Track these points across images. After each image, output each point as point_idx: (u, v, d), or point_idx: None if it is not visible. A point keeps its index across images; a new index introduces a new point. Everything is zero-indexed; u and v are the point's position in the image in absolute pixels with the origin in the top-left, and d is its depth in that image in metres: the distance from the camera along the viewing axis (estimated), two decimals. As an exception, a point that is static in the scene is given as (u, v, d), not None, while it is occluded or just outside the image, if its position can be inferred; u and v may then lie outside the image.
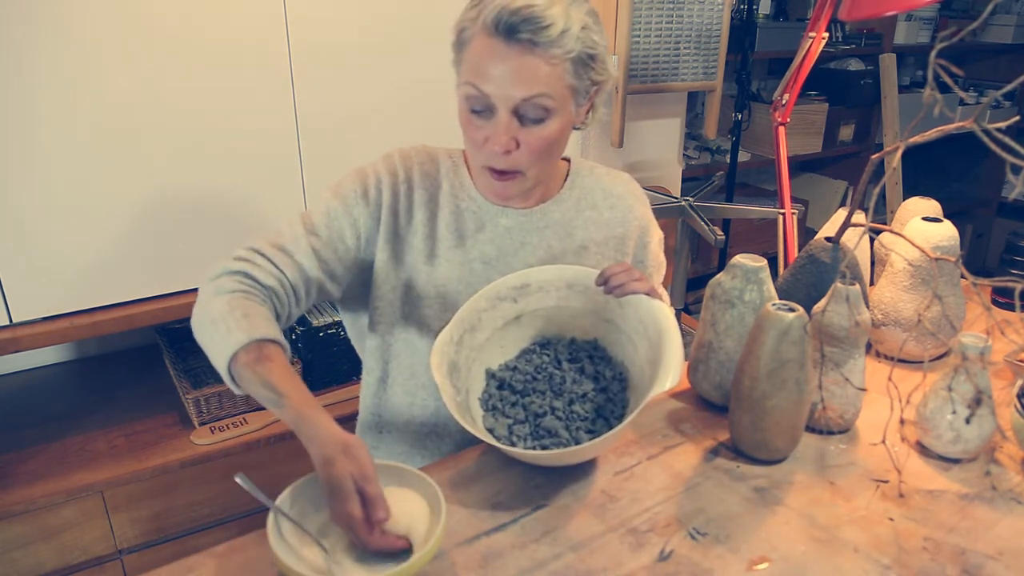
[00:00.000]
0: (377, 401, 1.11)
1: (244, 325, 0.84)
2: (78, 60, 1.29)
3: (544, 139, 0.93)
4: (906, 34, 3.10)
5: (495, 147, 0.92)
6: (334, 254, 0.99)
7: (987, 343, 0.92)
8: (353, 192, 1.01)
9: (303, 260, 0.96)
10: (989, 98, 0.73)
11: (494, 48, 0.88)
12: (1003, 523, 0.86)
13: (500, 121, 0.91)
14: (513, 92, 0.89)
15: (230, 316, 0.85)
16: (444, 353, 0.93)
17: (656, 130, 2.29)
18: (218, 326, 0.85)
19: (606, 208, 1.11)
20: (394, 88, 1.61)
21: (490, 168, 0.97)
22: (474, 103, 0.92)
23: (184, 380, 1.55)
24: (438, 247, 1.04)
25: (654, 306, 0.95)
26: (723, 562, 0.79)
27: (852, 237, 1.21)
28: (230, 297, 0.87)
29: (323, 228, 0.99)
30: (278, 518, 0.75)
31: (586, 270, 1.01)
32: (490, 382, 1.00)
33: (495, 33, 0.88)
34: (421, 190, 1.04)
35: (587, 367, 1.00)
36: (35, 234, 1.34)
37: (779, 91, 1.73)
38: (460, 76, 0.94)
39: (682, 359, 0.88)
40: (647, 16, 1.94)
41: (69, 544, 1.36)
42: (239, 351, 0.82)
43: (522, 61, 0.88)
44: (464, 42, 0.92)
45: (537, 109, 0.91)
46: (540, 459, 0.88)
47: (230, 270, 0.92)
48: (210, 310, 0.87)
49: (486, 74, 0.89)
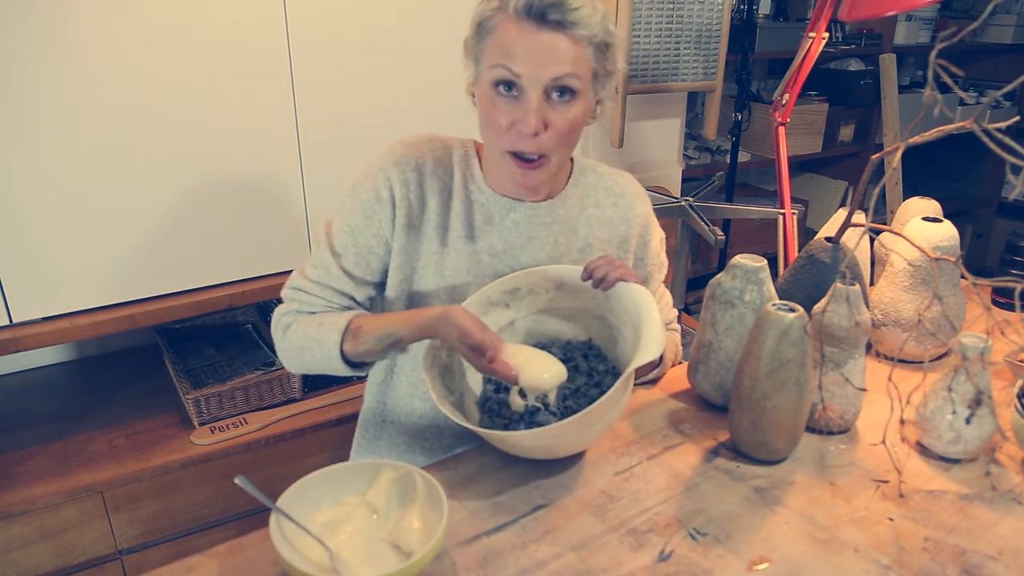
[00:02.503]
0: (383, 390, 1.13)
1: (325, 330, 0.98)
2: (79, 61, 1.29)
3: (570, 121, 0.96)
4: (906, 34, 3.10)
5: (524, 128, 0.93)
6: (367, 267, 1.05)
7: (987, 343, 0.92)
8: (369, 201, 1.02)
9: (341, 286, 1.04)
10: (989, 98, 0.73)
11: (524, 31, 0.91)
12: (1003, 523, 0.86)
13: (530, 102, 0.93)
14: (544, 72, 0.91)
15: (309, 335, 0.99)
16: (436, 357, 0.95)
17: (656, 130, 2.29)
18: (312, 349, 0.99)
19: (609, 206, 1.12)
20: (394, 90, 1.61)
21: (515, 156, 0.97)
22: (502, 85, 0.94)
23: (184, 380, 1.55)
24: (449, 236, 1.05)
25: (634, 291, 0.96)
26: (723, 562, 0.79)
27: (852, 237, 1.21)
28: (295, 323, 1.02)
29: (350, 248, 1.03)
30: (280, 519, 0.75)
31: (572, 268, 1.01)
32: (486, 386, 1.01)
33: (526, 17, 0.90)
34: (435, 178, 1.05)
35: (581, 364, 1.01)
36: (35, 234, 1.34)
37: (779, 91, 1.73)
38: (484, 62, 0.95)
39: (663, 331, 0.89)
40: (647, 16, 1.94)
41: (69, 544, 1.36)
42: (341, 347, 0.97)
43: (553, 41, 0.91)
44: (488, 30, 0.94)
45: (565, 90, 0.94)
46: (527, 438, 0.86)
47: (287, 311, 1.05)
48: (293, 344, 1.02)
49: (517, 55, 0.91)
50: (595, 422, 0.86)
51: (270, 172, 1.53)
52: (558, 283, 1.03)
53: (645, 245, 1.16)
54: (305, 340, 1.00)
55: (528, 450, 0.91)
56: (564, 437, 0.87)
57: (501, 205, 1.06)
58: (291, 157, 1.54)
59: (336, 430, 1.59)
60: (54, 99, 1.29)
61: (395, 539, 0.79)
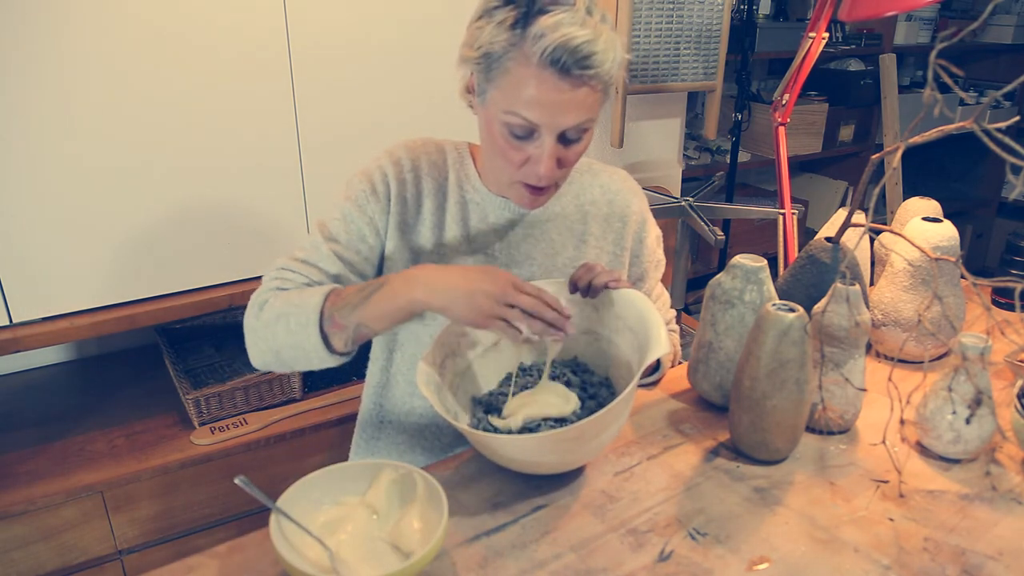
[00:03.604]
0: (381, 391, 1.13)
1: (305, 295, 0.91)
2: (80, 63, 1.29)
3: (579, 153, 0.97)
4: (906, 34, 3.10)
5: (540, 170, 0.93)
6: (357, 255, 1.02)
7: (987, 343, 0.92)
8: (363, 192, 1.02)
9: (327, 266, 1.00)
10: (989, 98, 0.73)
11: (545, 81, 0.88)
12: (1003, 523, 0.86)
13: (546, 146, 0.92)
14: (563, 121, 0.91)
15: (289, 303, 0.91)
16: (429, 376, 0.91)
17: (656, 130, 2.29)
18: (289, 317, 0.90)
19: (604, 203, 1.12)
20: (393, 94, 1.61)
21: (525, 184, 0.98)
22: (517, 130, 0.92)
23: (184, 380, 1.55)
24: (444, 236, 1.05)
25: (628, 296, 0.96)
26: (723, 562, 0.79)
27: (852, 237, 1.21)
28: (274, 296, 0.94)
29: (342, 233, 1.02)
30: (280, 519, 0.75)
31: (556, 283, 1.01)
32: (476, 408, 0.98)
33: (548, 67, 0.87)
34: (429, 179, 1.05)
35: (572, 379, 0.99)
36: (35, 234, 1.34)
37: (779, 91, 1.73)
38: (496, 101, 0.92)
39: (666, 330, 0.89)
40: (647, 16, 1.94)
41: (69, 544, 1.36)
42: (322, 306, 0.89)
43: (575, 94, 0.89)
44: (502, 68, 0.90)
45: (579, 132, 0.94)
46: (546, 441, 0.82)
47: (267, 289, 0.98)
48: (269, 318, 0.92)
49: (536, 105, 0.89)
50: (612, 423, 0.84)
51: (270, 173, 1.53)
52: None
53: (641, 242, 1.16)
54: (285, 307, 0.91)
55: (545, 456, 0.85)
56: (584, 439, 0.83)
57: (496, 205, 1.06)
58: (291, 158, 1.54)
59: (336, 430, 1.59)
60: (54, 99, 1.29)
61: (395, 539, 0.79)
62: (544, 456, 0.85)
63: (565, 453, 0.85)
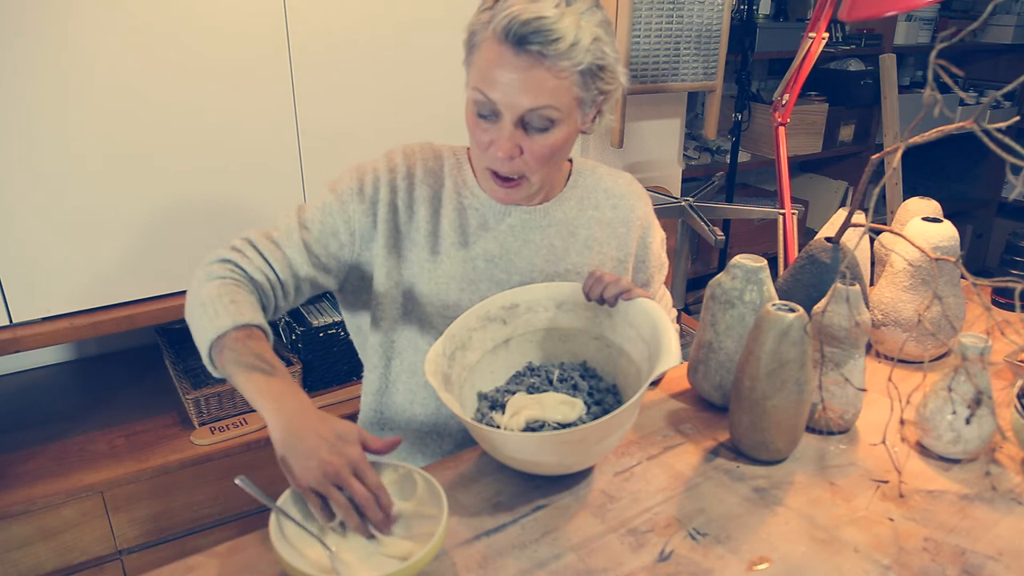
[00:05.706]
0: (379, 399, 1.12)
1: (232, 310, 0.88)
2: (80, 63, 1.29)
3: (548, 147, 0.94)
4: (906, 34, 3.10)
5: (499, 152, 0.93)
6: (325, 250, 1.01)
7: (987, 343, 0.92)
8: (349, 189, 1.02)
9: (293, 255, 0.98)
10: (989, 98, 0.73)
11: (502, 56, 0.88)
12: (1003, 523, 0.86)
13: (504, 128, 0.92)
14: (519, 101, 0.89)
15: (219, 300, 0.89)
16: (438, 364, 0.92)
17: (656, 130, 2.28)
18: (207, 309, 0.88)
19: (608, 207, 1.11)
20: (394, 96, 1.61)
21: (493, 172, 0.97)
22: (480, 108, 0.93)
23: (184, 380, 1.55)
24: (441, 244, 1.04)
25: (643, 306, 0.95)
26: (723, 562, 0.79)
27: (852, 237, 1.21)
28: (220, 283, 0.92)
29: (316, 223, 1.00)
30: (280, 519, 0.75)
31: (573, 286, 1.01)
32: (482, 403, 0.99)
33: (504, 41, 0.87)
34: (424, 186, 1.04)
35: (579, 383, 0.99)
36: (35, 234, 1.34)
37: (779, 91, 1.73)
38: (469, 78, 0.94)
39: (678, 343, 0.89)
40: (647, 16, 1.94)
41: (69, 544, 1.36)
42: (226, 332, 0.86)
43: (529, 72, 0.88)
44: (475, 45, 0.92)
45: (542, 119, 0.91)
46: (548, 441, 0.82)
47: (222, 258, 0.96)
48: (200, 294, 0.91)
49: (493, 81, 0.89)
50: (615, 429, 0.84)
51: (270, 173, 1.53)
52: (558, 302, 1.03)
53: (646, 248, 1.15)
54: (212, 302, 0.88)
55: (546, 456, 0.86)
56: (586, 443, 0.84)
57: (496, 209, 1.05)
58: (291, 158, 1.54)
59: (336, 430, 1.59)
60: (54, 99, 1.29)
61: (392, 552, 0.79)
62: (545, 456, 0.85)
63: (566, 455, 0.85)
